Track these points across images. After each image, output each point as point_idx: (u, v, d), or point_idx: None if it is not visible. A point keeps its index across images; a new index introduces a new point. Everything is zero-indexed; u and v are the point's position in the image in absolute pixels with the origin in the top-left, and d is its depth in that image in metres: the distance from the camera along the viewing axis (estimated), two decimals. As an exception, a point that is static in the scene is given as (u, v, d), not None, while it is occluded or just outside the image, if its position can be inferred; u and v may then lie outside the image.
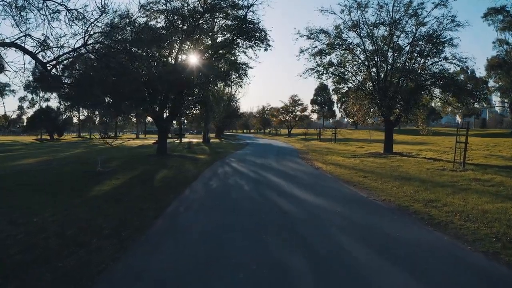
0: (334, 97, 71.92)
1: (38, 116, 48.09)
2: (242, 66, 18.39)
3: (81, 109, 50.64)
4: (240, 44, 16.77)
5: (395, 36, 16.83)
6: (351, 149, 22.29)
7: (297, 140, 40.04)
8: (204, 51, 17.18)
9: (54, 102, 56.42)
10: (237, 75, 18.90)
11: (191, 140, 39.74)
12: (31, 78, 19.31)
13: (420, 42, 17.00)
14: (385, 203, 6.93)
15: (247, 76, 18.59)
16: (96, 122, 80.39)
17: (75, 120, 67.01)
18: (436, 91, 17.68)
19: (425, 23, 17.02)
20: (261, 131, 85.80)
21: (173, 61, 16.48)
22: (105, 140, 29.57)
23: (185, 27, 16.18)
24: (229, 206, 6.66)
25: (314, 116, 79.67)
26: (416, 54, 16.78)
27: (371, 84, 17.58)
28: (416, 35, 17.00)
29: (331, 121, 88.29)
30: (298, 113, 59.65)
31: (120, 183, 9.23)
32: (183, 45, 16.61)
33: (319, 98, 75.59)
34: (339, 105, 72.13)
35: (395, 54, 17.23)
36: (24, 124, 51.28)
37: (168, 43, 16.04)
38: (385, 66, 16.96)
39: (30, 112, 55.55)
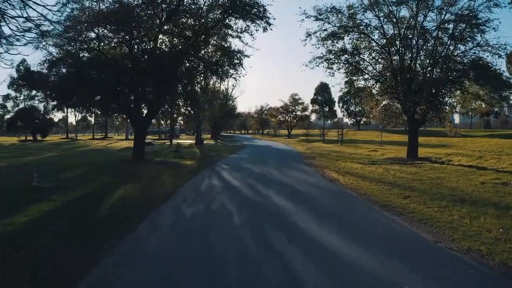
0: (336, 97, 69.15)
1: (20, 116, 44.81)
2: (237, 55, 15.34)
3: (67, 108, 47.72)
4: (232, 26, 13.75)
5: (421, 16, 13.86)
6: (364, 152, 19.29)
7: (298, 142, 37.04)
8: (191, 36, 14.13)
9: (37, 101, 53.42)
10: (231, 66, 15.88)
11: (182, 141, 36.71)
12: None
13: (449, 25, 14.05)
14: (479, 260, 3.93)
15: (242, 67, 15.57)
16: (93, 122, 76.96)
17: (70, 120, 64.08)
18: (464, 83, 14.68)
19: (455, 2, 14.06)
20: (259, 131, 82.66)
21: (149, 47, 13.42)
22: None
23: (165, 5, 13.14)
24: (202, 273, 3.62)
25: (313, 117, 76.86)
26: (446, 38, 13.83)
27: (391, 75, 14.54)
28: (445, 17, 14.04)
29: (329, 121, 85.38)
30: (299, 112, 56.61)
31: (47, 210, 6.18)
32: (164, 27, 13.56)
33: (319, 98, 72.52)
34: (340, 104, 69.40)
35: (420, 40, 14.24)
36: (4, 124, 47.90)
37: (145, 23, 13.04)
38: (409, 53, 13.96)
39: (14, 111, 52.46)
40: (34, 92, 45.26)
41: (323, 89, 69.50)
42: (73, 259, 3.95)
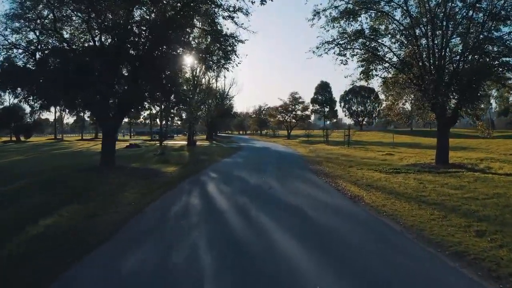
0: (337, 96, 66.80)
1: (3, 115, 42.03)
2: (229, 40, 12.79)
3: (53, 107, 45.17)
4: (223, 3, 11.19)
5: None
6: (377, 156, 16.72)
7: (299, 143, 34.48)
8: (173, 16, 11.53)
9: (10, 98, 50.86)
10: (223, 53, 13.35)
11: (174, 143, 34.19)
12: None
13: (483, 4, 11.54)
14: None
15: (236, 54, 13.02)
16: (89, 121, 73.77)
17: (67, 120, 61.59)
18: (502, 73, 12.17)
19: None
20: (258, 132, 80.00)
21: (119, 28, 10.80)
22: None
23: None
24: None
25: (313, 117, 74.38)
26: (483, 18, 11.32)
27: (417, 63, 11.95)
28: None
29: (329, 122, 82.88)
30: (299, 112, 53.98)
31: None
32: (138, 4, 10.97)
33: (320, 97, 70.00)
34: (342, 104, 67.07)
35: (450, 22, 11.71)
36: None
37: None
38: (440, 36, 11.37)
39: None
40: (18, 90, 42.59)
41: (323, 88, 67.09)
42: None
